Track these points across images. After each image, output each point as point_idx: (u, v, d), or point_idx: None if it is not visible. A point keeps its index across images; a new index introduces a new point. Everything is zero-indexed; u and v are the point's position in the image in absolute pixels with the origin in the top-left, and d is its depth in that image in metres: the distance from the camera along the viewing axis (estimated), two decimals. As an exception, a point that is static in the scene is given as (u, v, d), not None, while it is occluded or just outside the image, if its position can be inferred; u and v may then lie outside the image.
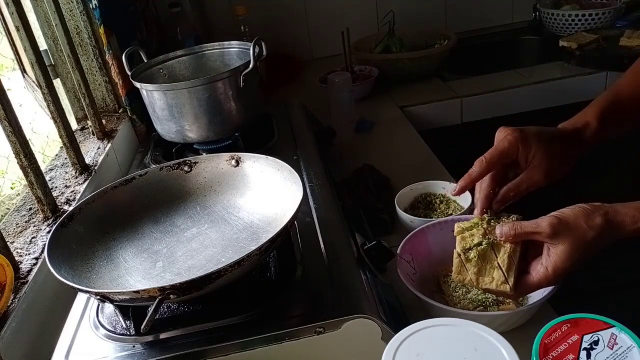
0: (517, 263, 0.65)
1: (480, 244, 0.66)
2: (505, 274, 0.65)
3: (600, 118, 0.75)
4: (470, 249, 0.67)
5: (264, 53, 1.05)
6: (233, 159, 0.81)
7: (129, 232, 0.77)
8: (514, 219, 0.69)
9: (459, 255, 0.68)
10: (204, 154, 1.01)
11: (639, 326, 0.52)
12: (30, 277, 0.73)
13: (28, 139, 0.83)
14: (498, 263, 0.65)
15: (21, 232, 0.84)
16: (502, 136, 0.72)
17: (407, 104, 1.52)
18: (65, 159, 1.03)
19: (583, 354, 0.49)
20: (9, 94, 0.79)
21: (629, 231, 0.61)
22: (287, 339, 0.59)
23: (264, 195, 0.77)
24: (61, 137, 0.99)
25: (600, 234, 0.61)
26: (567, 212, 0.63)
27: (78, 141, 1.03)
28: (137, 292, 0.56)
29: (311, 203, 0.82)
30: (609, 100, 0.78)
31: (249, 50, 1.00)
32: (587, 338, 0.50)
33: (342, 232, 0.77)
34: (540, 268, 0.64)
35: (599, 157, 1.53)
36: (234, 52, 1.14)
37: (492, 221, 0.69)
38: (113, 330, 0.65)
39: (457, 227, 0.70)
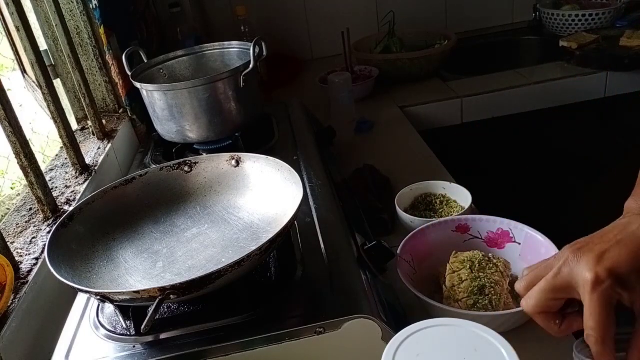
0: None
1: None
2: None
3: None
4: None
5: (264, 53, 1.05)
6: (233, 159, 0.81)
7: (129, 232, 0.77)
8: (502, 260, 0.75)
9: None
10: (204, 154, 1.01)
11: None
12: (30, 277, 0.73)
13: (28, 139, 0.83)
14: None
15: (21, 232, 0.84)
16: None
17: (407, 104, 1.52)
18: (65, 159, 1.03)
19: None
20: (9, 94, 0.79)
21: None
22: (287, 339, 0.59)
23: (264, 195, 0.77)
24: (61, 137, 0.99)
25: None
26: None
27: (78, 141, 1.03)
28: (137, 292, 0.56)
29: (311, 203, 0.82)
30: None
31: (249, 50, 1.00)
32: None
33: (342, 232, 0.77)
34: None
35: (598, 157, 1.53)
36: (234, 52, 1.14)
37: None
38: (113, 330, 0.65)
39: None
